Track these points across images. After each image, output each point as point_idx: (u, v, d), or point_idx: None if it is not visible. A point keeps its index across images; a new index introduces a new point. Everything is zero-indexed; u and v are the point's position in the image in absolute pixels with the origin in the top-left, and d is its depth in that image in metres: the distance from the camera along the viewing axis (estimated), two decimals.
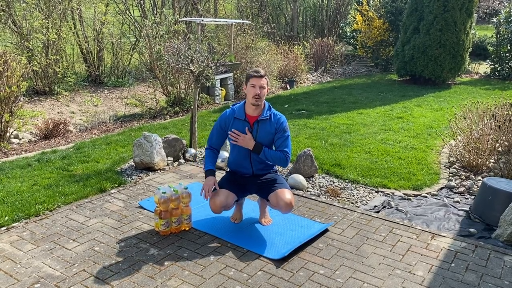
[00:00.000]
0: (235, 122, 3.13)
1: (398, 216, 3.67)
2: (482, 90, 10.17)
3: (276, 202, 3.07)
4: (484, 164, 4.63)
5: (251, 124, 3.10)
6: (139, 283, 2.61)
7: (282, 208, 3.06)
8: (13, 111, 5.68)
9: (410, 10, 10.78)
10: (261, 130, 3.10)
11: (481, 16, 23.51)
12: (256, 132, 3.10)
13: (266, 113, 3.10)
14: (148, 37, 7.82)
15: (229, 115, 3.16)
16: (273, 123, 3.11)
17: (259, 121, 3.09)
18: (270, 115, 3.11)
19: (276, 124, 3.10)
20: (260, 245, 3.07)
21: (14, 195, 3.88)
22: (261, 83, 3.01)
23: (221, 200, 3.08)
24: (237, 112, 3.13)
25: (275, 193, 3.09)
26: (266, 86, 3.06)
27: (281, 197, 3.05)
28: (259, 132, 3.10)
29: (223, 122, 3.18)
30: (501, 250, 3.07)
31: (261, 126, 3.10)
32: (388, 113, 7.64)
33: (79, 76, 9.65)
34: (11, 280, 2.63)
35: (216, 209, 3.10)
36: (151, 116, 7.50)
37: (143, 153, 4.54)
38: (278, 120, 3.11)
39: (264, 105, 3.12)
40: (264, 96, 3.06)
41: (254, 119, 3.10)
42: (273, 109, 3.17)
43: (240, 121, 3.11)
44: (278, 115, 3.14)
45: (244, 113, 3.11)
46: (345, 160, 4.95)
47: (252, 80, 3.01)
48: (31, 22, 7.95)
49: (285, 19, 16.27)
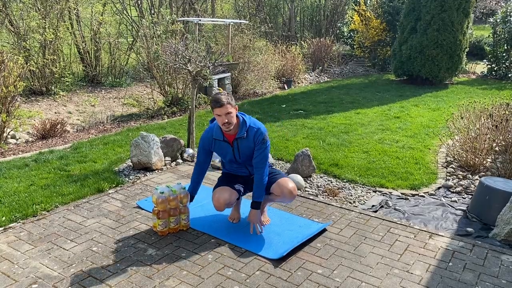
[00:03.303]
0: (216, 143, 3.19)
1: (396, 215, 3.68)
2: (479, 90, 10.21)
3: (280, 191, 3.14)
4: (482, 163, 4.65)
5: (231, 142, 3.14)
6: (137, 283, 2.61)
7: (286, 196, 3.14)
8: (10, 111, 5.67)
9: (407, 10, 10.81)
10: (241, 146, 3.14)
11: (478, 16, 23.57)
12: (237, 149, 3.15)
13: (243, 130, 3.09)
14: (146, 37, 7.81)
15: (209, 136, 3.20)
16: (251, 138, 3.11)
17: (237, 139, 3.12)
18: (246, 132, 3.10)
19: (254, 138, 3.11)
20: (258, 245, 3.07)
21: (11, 195, 3.87)
22: (225, 111, 2.96)
23: (225, 197, 3.12)
24: (215, 133, 3.16)
25: (277, 183, 3.17)
26: (232, 108, 3.00)
27: (284, 186, 3.13)
28: (240, 149, 3.15)
29: (206, 143, 3.23)
30: (498, 249, 3.08)
31: (240, 143, 3.13)
32: (385, 113, 7.65)
33: (76, 76, 9.62)
34: (9, 280, 2.62)
35: (220, 206, 3.14)
36: (148, 116, 7.49)
37: (141, 153, 4.53)
38: (255, 134, 3.11)
39: (238, 121, 3.10)
40: (233, 118, 3.02)
41: (232, 138, 3.13)
42: (249, 122, 3.13)
43: (220, 141, 3.17)
44: (255, 128, 3.11)
45: (222, 133, 3.13)
46: (343, 160, 4.96)
47: (216, 110, 2.99)
48: (28, 22, 7.93)
49: (283, 19, 16.27)
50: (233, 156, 3.20)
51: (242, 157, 3.19)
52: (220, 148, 3.20)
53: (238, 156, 3.19)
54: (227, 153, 3.20)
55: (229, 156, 3.22)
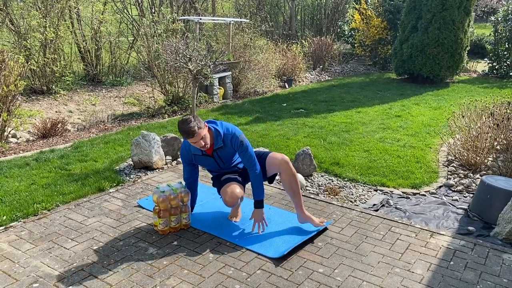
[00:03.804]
0: (196, 158, 3.20)
1: (397, 214, 3.67)
2: (480, 88, 10.19)
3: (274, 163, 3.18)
4: (483, 162, 4.64)
5: (211, 154, 3.14)
6: (138, 282, 2.61)
7: (281, 165, 3.15)
8: (11, 110, 5.67)
9: (408, 8, 10.78)
10: (222, 155, 3.16)
11: (479, 14, 23.53)
12: (219, 159, 3.16)
13: (219, 141, 3.08)
14: (146, 35, 7.81)
15: (187, 151, 3.19)
16: (229, 145, 3.11)
17: (215, 150, 3.12)
18: (223, 141, 3.09)
19: (231, 144, 3.11)
20: (259, 243, 3.06)
21: (12, 194, 3.87)
22: (197, 139, 2.93)
23: (238, 192, 3.11)
24: (193, 149, 3.15)
25: (268, 159, 3.22)
26: (203, 130, 2.95)
27: (274, 157, 3.20)
28: (222, 157, 3.17)
29: (187, 159, 3.24)
30: (499, 248, 3.07)
31: (220, 152, 3.14)
32: (386, 111, 7.64)
33: (77, 75, 9.62)
34: (10, 279, 2.62)
35: (234, 201, 3.10)
36: (149, 115, 7.49)
37: (142, 152, 4.53)
38: (231, 141, 3.10)
39: (212, 133, 3.08)
40: (207, 138, 3.00)
41: (211, 150, 3.12)
42: (222, 130, 3.10)
43: (200, 156, 3.17)
44: (229, 136, 3.09)
45: (199, 148, 3.08)
46: (343, 159, 4.95)
47: (190, 140, 2.95)
48: (28, 21, 7.92)
49: (284, 18, 16.25)
50: (217, 166, 3.21)
51: (227, 164, 3.22)
52: (202, 161, 3.21)
53: (222, 164, 3.21)
54: (211, 164, 3.22)
55: (213, 167, 3.24)
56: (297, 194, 3.23)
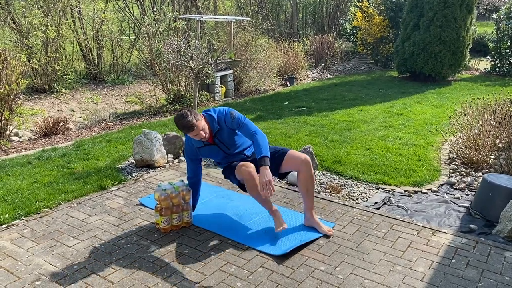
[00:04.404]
0: (201, 150, 3.18)
1: (399, 212, 3.67)
2: (483, 86, 10.16)
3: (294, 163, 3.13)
4: (485, 160, 4.63)
5: (212, 142, 3.14)
6: (140, 280, 2.62)
7: (302, 164, 3.10)
8: (13, 109, 5.68)
9: (410, 6, 10.76)
10: (223, 139, 3.13)
11: (481, 12, 23.46)
12: (222, 145, 3.15)
13: (214, 124, 3.09)
14: (148, 34, 7.81)
15: (191, 146, 3.20)
16: (224, 126, 3.10)
17: (215, 135, 3.12)
18: (218, 124, 3.10)
19: (226, 123, 3.09)
20: (260, 241, 3.06)
21: (15, 192, 3.88)
22: (197, 131, 2.94)
23: (253, 168, 2.99)
24: (195, 143, 3.16)
25: (287, 156, 3.15)
26: (200, 122, 2.95)
27: (296, 156, 3.14)
28: (224, 142, 3.14)
29: (192, 154, 3.24)
30: (501, 246, 3.07)
31: (220, 136, 3.12)
32: (388, 109, 7.63)
33: (79, 73, 9.63)
34: (12, 277, 2.63)
35: (255, 178, 2.94)
36: (151, 114, 7.50)
37: (143, 150, 4.54)
38: (225, 120, 3.09)
39: (207, 121, 3.08)
40: (206, 128, 3.00)
41: (211, 138, 3.13)
42: (215, 114, 3.10)
43: (203, 147, 3.16)
44: (222, 116, 3.08)
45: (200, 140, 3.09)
46: (345, 157, 4.95)
47: (190, 134, 2.97)
48: (30, 19, 7.93)
49: (285, 16, 16.22)
50: (222, 153, 3.18)
51: (232, 148, 3.17)
52: (207, 152, 3.19)
53: (227, 150, 3.17)
54: (216, 153, 3.19)
55: (219, 155, 3.20)
56: (310, 196, 3.20)
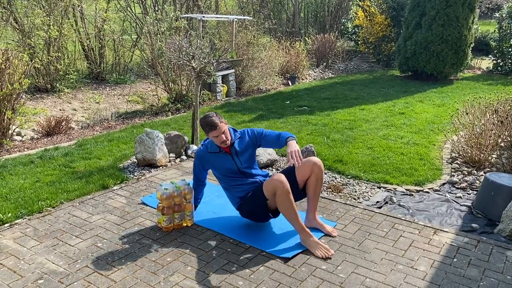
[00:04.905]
0: (214, 156, 3.20)
1: (400, 211, 3.67)
2: (485, 85, 10.14)
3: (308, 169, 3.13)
4: (487, 159, 4.62)
5: (228, 150, 3.17)
6: (142, 279, 2.62)
7: (315, 166, 3.11)
8: (15, 109, 5.69)
9: (412, 5, 10.73)
10: (239, 151, 3.19)
11: (484, 11, 23.39)
12: (236, 157, 3.18)
13: (236, 135, 3.20)
14: (150, 33, 7.82)
15: (204, 153, 3.23)
16: (246, 136, 3.22)
17: (233, 144, 3.17)
18: (240, 134, 3.22)
19: (249, 133, 3.23)
20: (262, 241, 3.07)
21: (17, 192, 3.90)
22: (221, 131, 3.03)
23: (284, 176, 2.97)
24: (210, 147, 3.20)
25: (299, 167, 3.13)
26: (224, 125, 3.08)
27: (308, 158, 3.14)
28: (239, 154, 3.19)
29: (203, 161, 3.26)
30: (503, 245, 3.07)
31: (238, 145, 3.18)
32: (390, 109, 7.62)
33: (81, 73, 9.64)
34: (15, 276, 2.65)
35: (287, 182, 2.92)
36: (153, 113, 7.51)
37: (145, 149, 4.55)
38: (248, 131, 3.24)
39: (228, 131, 3.16)
40: (228, 133, 3.10)
41: (228, 147, 3.17)
42: (237, 130, 3.27)
43: (217, 153, 3.18)
44: (245, 130, 3.26)
45: (218, 146, 3.16)
46: (347, 156, 4.95)
47: (212, 133, 3.03)
48: (32, 19, 7.94)
49: (287, 15, 16.21)
50: (234, 165, 3.18)
51: (244, 163, 3.19)
52: (219, 160, 3.19)
53: (239, 163, 3.18)
54: (229, 163, 3.18)
55: (232, 165, 3.18)
56: (316, 198, 3.22)
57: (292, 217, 2.96)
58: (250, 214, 3.22)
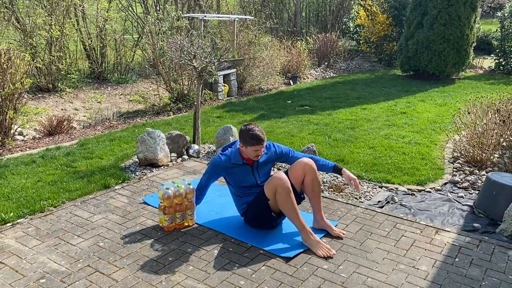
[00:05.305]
0: (234, 168, 3.15)
1: (402, 211, 3.67)
2: (487, 84, 10.12)
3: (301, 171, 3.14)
4: (488, 159, 4.61)
5: (251, 164, 3.17)
6: (144, 278, 2.63)
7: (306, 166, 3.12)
8: (17, 108, 5.70)
9: (414, 4, 10.71)
10: (261, 165, 3.21)
11: (486, 10, 23.32)
12: (256, 171, 3.19)
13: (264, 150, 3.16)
14: (151, 33, 7.82)
15: (225, 163, 3.14)
16: (272, 148, 3.26)
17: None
18: (267, 147, 3.21)
19: (273, 153, 3.25)
20: (264, 240, 3.07)
21: (19, 191, 3.90)
22: (263, 146, 3.05)
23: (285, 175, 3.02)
24: (233, 159, 3.14)
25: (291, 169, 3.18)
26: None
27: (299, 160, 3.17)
28: (259, 168, 3.20)
29: (221, 170, 3.18)
30: (505, 245, 3.06)
31: (262, 159, 3.20)
32: (391, 108, 7.61)
33: (83, 73, 9.65)
34: (17, 275, 2.65)
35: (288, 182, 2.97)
36: (154, 113, 7.51)
37: (147, 149, 4.55)
38: (274, 144, 3.28)
39: None
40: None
41: (251, 160, 3.16)
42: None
43: (239, 165, 3.15)
44: (269, 145, 3.27)
45: (241, 157, 3.14)
46: (348, 156, 4.94)
47: (256, 147, 3.01)
48: (34, 19, 7.96)
49: (288, 15, 16.20)
50: (253, 178, 3.18)
51: (262, 177, 3.21)
52: (239, 172, 3.15)
53: (258, 178, 3.19)
54: (248, 176, 3.17)
55: (250, 178, 3.18)
56: (317, 197, 3.19)
57: (293, 216, 2.97)
58: (254, 218, 3.21)
